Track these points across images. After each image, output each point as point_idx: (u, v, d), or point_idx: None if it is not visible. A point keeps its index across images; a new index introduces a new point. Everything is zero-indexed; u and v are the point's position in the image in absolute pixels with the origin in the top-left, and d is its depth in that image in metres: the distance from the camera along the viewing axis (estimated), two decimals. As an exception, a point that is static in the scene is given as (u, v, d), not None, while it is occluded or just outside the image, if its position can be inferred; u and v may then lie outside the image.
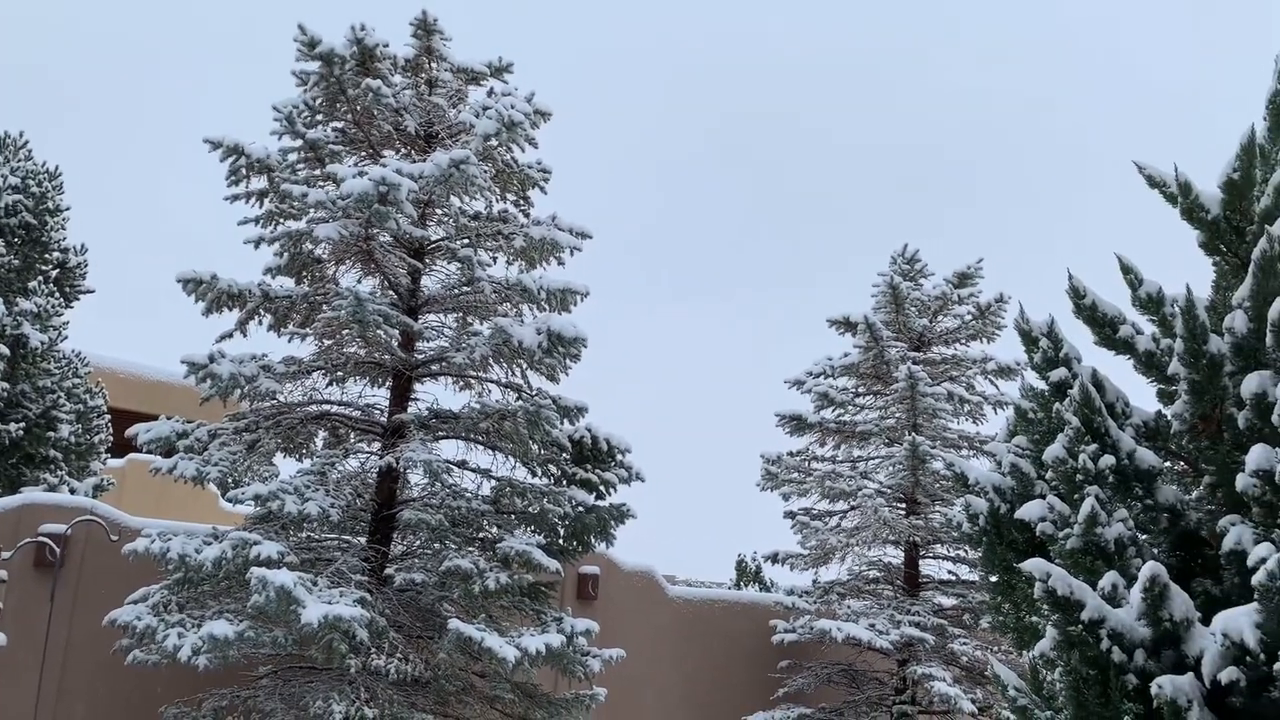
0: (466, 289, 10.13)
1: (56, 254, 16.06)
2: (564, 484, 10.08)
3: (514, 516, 9.93)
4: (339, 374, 10.00)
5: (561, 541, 10.07)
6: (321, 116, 10.25)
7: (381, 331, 9.42)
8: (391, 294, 10.21)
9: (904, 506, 13.35)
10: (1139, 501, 5.11)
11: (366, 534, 9.86)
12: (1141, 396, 5.56)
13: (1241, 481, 4.58)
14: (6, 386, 14.36)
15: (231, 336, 9.81)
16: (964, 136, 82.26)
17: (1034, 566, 4.55)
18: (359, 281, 10.33)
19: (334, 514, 9.14)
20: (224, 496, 17.70)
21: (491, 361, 9.78)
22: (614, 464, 10.32)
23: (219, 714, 9.22)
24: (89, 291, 17.32)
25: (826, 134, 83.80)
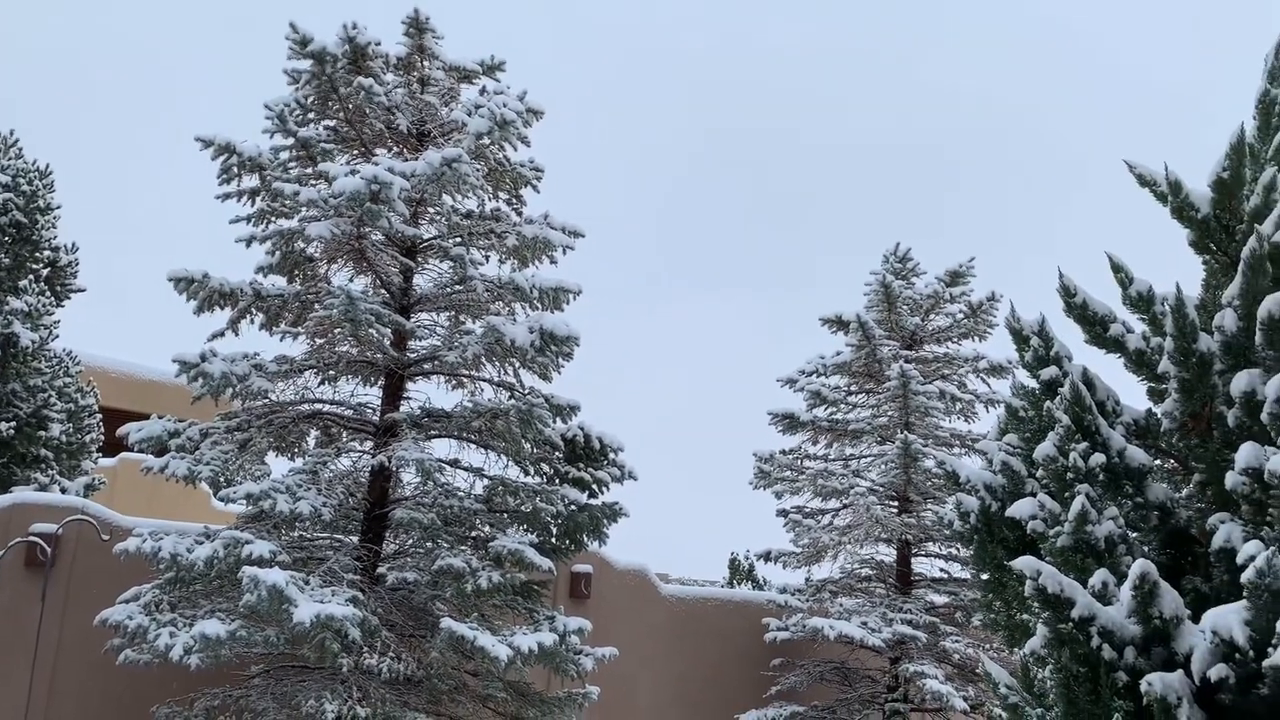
0: (459, 287, 10.12)
1: (47, 253, 16.00)
2: (556, 483, 10.08)
3: (506, 515, 9.93)
4: (331, 373, 9.99)
5: (554, 540, 10.08)
6: (313, 115, 10.24)
7: (373, 330, 9.41)
8: (383, 293, 10.20)
9: (896, 504, 13.38)
10: (1129, 499, 5.12)
11: (359, 533, 9.84)
12: (1132, 395, 5.58)
13: (1231, 479, 4.59)
14: (-3, 385, 14.33)
15: (223, 335, 9.78)
16: (964, 136, 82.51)
17: (1024, 564, 4.56)
18: (351, 280, 10.33)
19: (326, 513, 9.14)
20: (216, 496, 17.71)
21: (484, 360, 9.78)
22: (606, 462, 10.33)
23: (211, 713, 9.20)
24: (80, 290, 17.26)
25: (826, 133, 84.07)
